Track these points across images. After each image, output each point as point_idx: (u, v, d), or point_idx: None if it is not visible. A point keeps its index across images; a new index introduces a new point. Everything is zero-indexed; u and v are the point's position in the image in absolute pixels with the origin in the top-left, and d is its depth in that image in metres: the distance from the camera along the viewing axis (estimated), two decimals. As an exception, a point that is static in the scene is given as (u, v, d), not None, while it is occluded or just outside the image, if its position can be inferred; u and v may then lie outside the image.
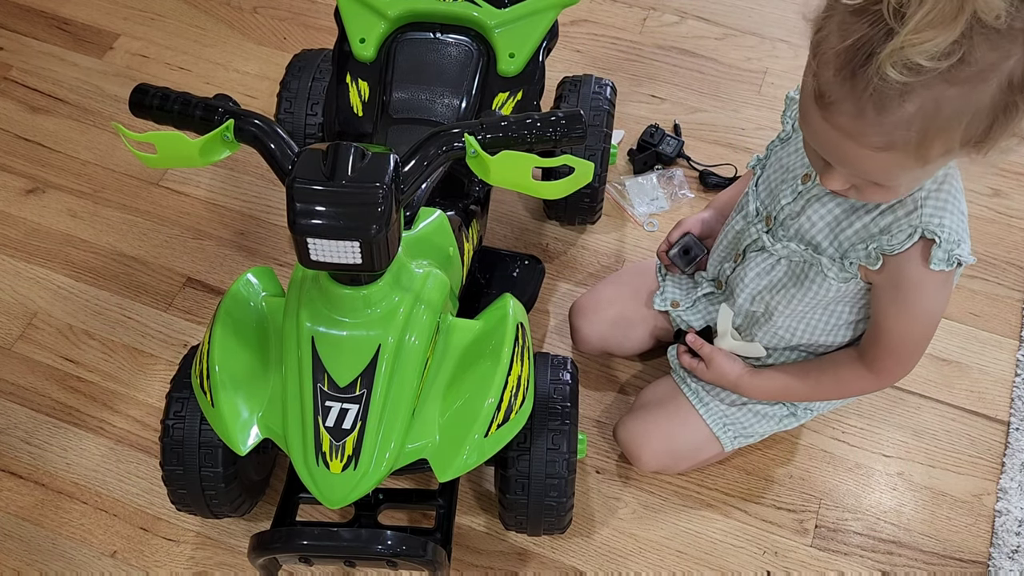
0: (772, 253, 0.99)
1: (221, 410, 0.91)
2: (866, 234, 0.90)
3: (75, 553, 1.13)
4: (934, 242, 0.85)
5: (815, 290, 0.96)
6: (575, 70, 1.56)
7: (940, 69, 0.68)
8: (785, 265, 0.99)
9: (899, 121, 0.72)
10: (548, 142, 0.80)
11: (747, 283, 1.02)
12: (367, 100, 1.17)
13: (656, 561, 1.14)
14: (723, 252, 1.08)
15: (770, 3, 1.69)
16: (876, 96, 0.71)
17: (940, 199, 0.86)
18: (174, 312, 1.33)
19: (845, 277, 0.93)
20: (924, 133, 0.72)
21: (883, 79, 0.69)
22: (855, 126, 0.74)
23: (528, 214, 1.43)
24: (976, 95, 0.70)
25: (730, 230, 1.06)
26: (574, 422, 1.00)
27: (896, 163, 0.76)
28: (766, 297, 1.02)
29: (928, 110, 0.71)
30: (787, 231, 0.97)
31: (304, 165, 0.77)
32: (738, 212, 1.05)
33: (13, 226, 1.41)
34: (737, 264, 1.04)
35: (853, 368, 1.01)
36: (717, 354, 1.08)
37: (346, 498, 0.88)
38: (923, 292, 0.90)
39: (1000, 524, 1.16)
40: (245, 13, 1.68)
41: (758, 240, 1.00)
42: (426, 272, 0.91)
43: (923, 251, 0.86)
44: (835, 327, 1.02)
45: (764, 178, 1.01)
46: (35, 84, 1.57)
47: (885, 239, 0.87)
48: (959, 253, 0.85)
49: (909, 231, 0.86)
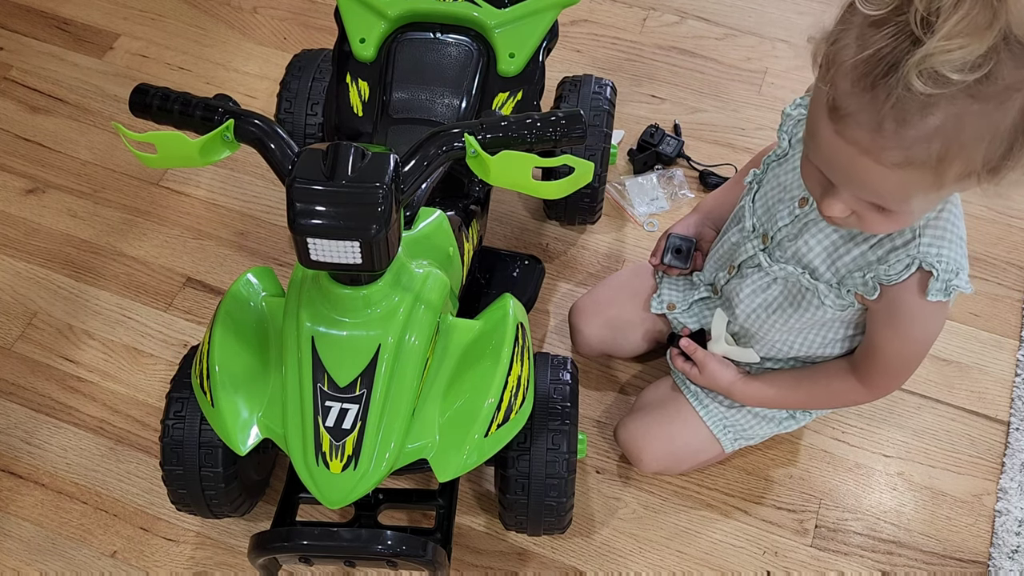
0: (768, 273, 0.98)
1: (221, 410, 0.91)
2: (863, 262, 0.89)
3: (75, 553, 1.14)
4: (932, 274, 0.84)
5: (811, 311, 0.96)
6: (575, 70, 1.55)
7: (967, 82, 0.66)
8: (781, 285, 0.98)
9: (920, 136, 0.69)
10: (548, 142, 0.80)
11: (743, 298, 1.02)
12: (367, 100, 1.17)
13: (656, 561, 1.14)
14: (718, 261, 1.08)
15: (770, 3, 1.69)
16: (897, 108, 0.68)
17: (939, 227, 0.85)
18: (174, 312, 1.33)
19: (842, 305, 0.93)
20: (945, 150, 0.69)
21: (908, 89, 0.66)
22: (872, 140, 0.71)
23: (528, 214, 1.43)
24: (999, 114, 0.68)
25: (726, 241, 1.05)
26: (574, 422, 1.00)
27: (912, 183, 0.73)
28: (761, 316, 1.01)
29: (950, 126, 0.68)
30: (784, 253, 0.96)
31: (304, 165, 0.77)
32: (734, 224, 1.04)
33: (13, 226, 1.41)
34: (732, 276, 1.04)
35: (845, 381, 1.01)
36: (710, 359, 1.08)
37: (346, 498, 0.88)
38: (919, 320, 0.90)
39: (1000, 524, 1.16)
40: (245, 13, 1.68)
41: (754, 257, 0.99)
42: (426, 272, 0.91)
43: (920, 282, 0.85)
44: (831, 342, 1.01)
45: (761, 194, 1.00)
46: (35, 84, 1.57)
47: (883, 269, 0.87)
48: (956, 283, 0.84)
49: (907, 261, 0.85)
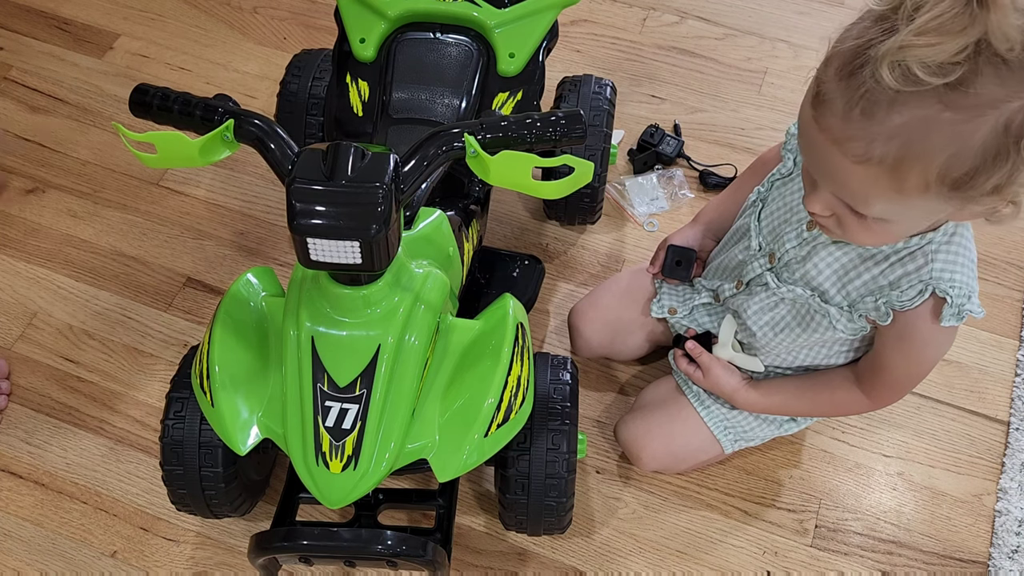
0: (776, 293, 0.98)
1: (221, 410, 0.90)
2: (875, 286, 0.89)
3: (75, 553, 1.14)
4: (945, 300, 0.84)
5: (821, 332, 0.96)
6: (575, 70, 1.56)
7: (935, 85, 0.65)
8: (789, 305, 0.98)
9: (882, 132, 0.68)
10: (548, 142, 0.80)
11: (751, 315, 1.02)
12: (367, 100, 1.17)
13: (656, 561, 1.14)
14: (722, 272, 1.08)
15: (770, 3, 1.69)
16: (867, 99, 0.68)
17: (951, 252, 0.84)
18: (174, 312, 1.33)
19: (854, 329, 0.93)
20: (904, 152, 0.69)
21: (877, 81, 0.66)
22: (841, 129, 0.70)
23: (528, 214, 1.43)
24: (968, 128, 0.67)
25: (732, 257, 1.05)
26: (574, 422, 1.00)
27: (871, 182, 0.72)
28: (769, 333, 1.01)
29: (914, 128, 0.67)
30: (792, 275, 0.95)
31: (304, 165, 0.77)
32: (738, 241, 1.04)
33: (13, 226, 1.41)
34: (739, 291, 1.03)
35: (850, 392, 1.00)
36: (715, 364, 1.07)
37: (346, 498, 0.88)
38: (931, 344, 0.90)
39: (1000, 524, 1.16)
40: (245, 13, 1.68)
41: (761, 276, 0.99)
42: (426, 272, 0.91)
43: (934, 308, 0.85)
44: (836, 354, 1.01)
45: (767, 213, 1.00)
46: (35, 84, 1.58)
47: (895, 295, 0.86)
48: (969, 308, 0.84)
49: (920, 287, 0.84)
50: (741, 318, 1.04)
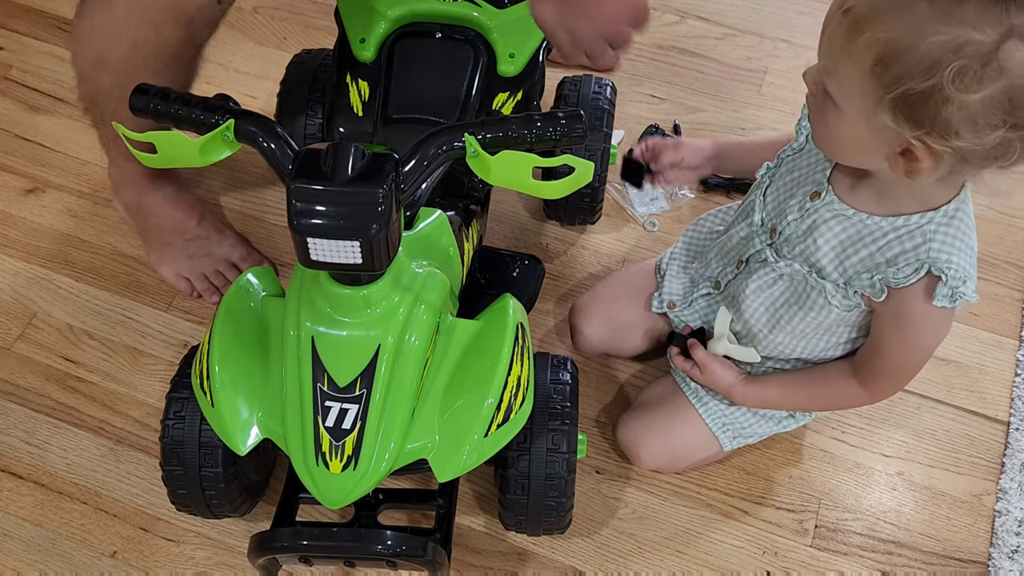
0: (774, 268, 0.98)
1: (221, 410, 0.91)
2: (872, 263, 0.89)
3: (75, 553, 1.13)
4: (940, 279, 0.84)
5: (816, 311, 0.96)
6: (575, 70, 1.55)
7: None
8: (787, 282, 0.98)
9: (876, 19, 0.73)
10: (548, 142, 0.80)
11: (748, 295, 1.02)
12: (367, 100, 1.17)
13: (656, 561, 1.14)
14: (725, 257, 1.08)
15: (770, 3, 1.69)
16: None
17: (950, 234, 0.85)
18: (174, 312, 1.33)
19: (848, 305, 0.93)
20: (871, 11, 0.73)
21: None
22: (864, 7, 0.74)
23: (528, 214, 1.43)
24: (928, 29, 0.70)
25: (734, 235, 1.05)
26: (574, 422, 1.00)
27: (838, 37, 0.76)
28: (764, 317, 1.01)
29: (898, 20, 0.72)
30: (792, 250, 0.96)
31: (304, 165, 0.77)
32: (743, 219, 1.04)
33: (13, 226, 1.41)
34: (739, 271, 1.04)
35: (847, 384, 1.01)
36: (711, 360, 1.07)
37: (346, 498, 0.88)
38: (924, 326, 0.91)
39: (1000, 524, 1.16)
40: (245, 13, 1.68)
41: (761, 252, 1.00)
42: (426, 272, 0.91)
43: (928, 286, 0.86)
44: (833, 345, 1.02)
45: (773, 189, 1.00)
46: (35, 84, 1.57)
47: (891, 271, 0.87)
48: (963, 291, 0.84)
49: (916, 265, 0.85)
50: (737, 303, 1.04)
